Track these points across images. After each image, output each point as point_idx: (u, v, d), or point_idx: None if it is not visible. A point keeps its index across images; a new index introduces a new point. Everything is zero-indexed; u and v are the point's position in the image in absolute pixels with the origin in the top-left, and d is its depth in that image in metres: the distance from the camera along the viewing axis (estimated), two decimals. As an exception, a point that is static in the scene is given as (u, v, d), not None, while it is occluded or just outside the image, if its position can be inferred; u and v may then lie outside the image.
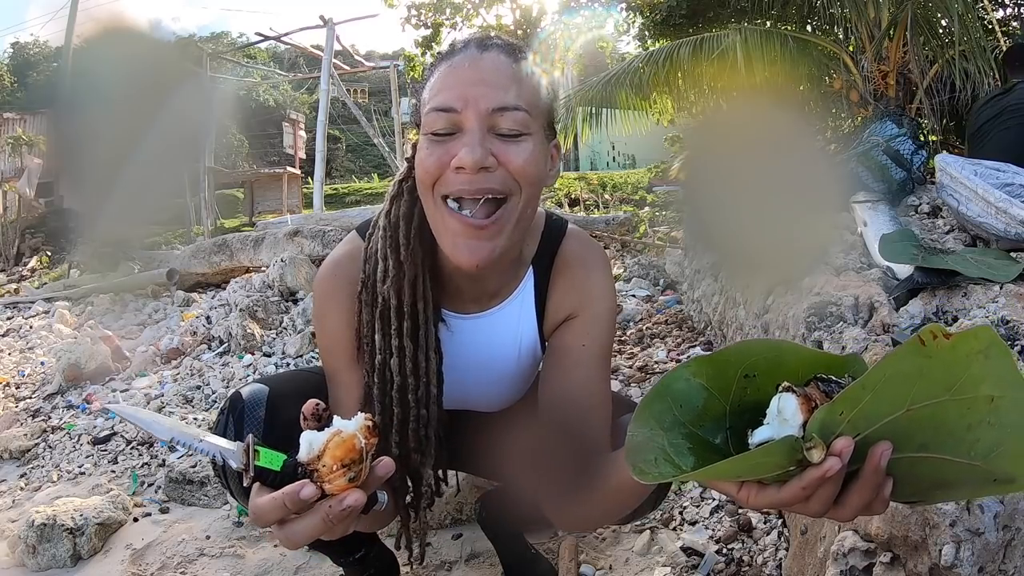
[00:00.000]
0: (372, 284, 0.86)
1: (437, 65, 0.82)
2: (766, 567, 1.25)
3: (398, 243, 0.84)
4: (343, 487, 0.56)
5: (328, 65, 10.62)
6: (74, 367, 2.84)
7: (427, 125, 0.77)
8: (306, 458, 0.56)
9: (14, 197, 10.78)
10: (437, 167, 0.76)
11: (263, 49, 22.86)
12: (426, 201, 0.80)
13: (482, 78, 0.76)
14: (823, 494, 0.49)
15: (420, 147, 0.79)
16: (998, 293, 1.18)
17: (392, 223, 0.85)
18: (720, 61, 4.16)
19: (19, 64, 24.78)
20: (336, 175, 23.93)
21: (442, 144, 0.76)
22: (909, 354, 0.45)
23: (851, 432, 0.48)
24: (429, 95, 0.79)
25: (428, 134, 0.77)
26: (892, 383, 0.46)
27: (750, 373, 0.56)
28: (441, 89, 0.77)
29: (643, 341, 2.67)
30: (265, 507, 0.57)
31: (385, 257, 0.84)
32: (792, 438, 0.48)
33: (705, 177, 1.02)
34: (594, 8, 11.11)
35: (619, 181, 14.54)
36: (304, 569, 1.41)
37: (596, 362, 0.90)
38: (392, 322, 0.85)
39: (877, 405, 0.47)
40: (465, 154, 0.73)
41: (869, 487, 0.49)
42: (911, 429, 0.47)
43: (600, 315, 0.92)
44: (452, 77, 0.77)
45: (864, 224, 1.78)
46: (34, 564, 1.49)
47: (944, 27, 3.71)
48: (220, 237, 5.77)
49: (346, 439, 0.56)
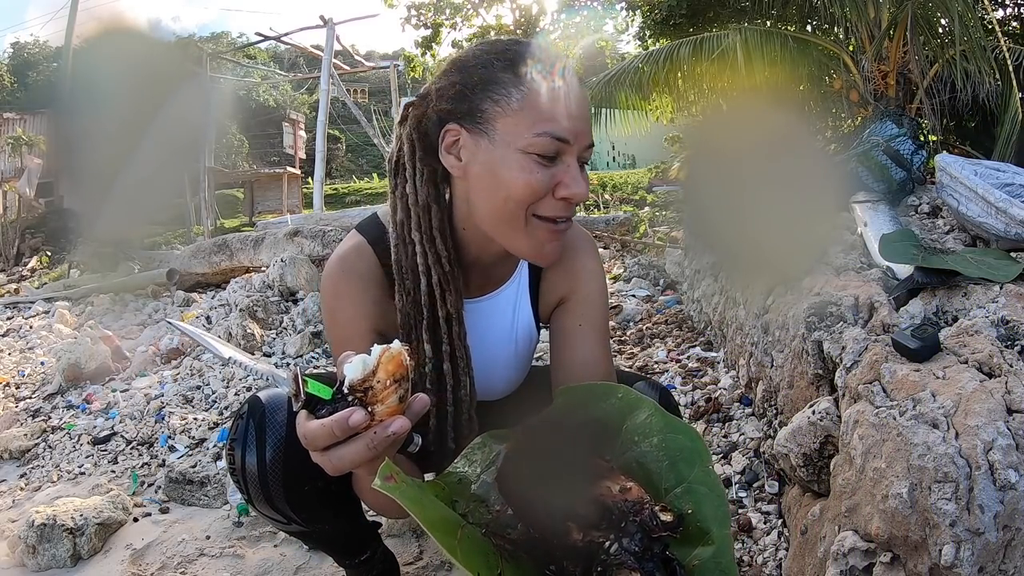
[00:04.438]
0: (412, 268, 0.87)
1: (528, 75, 0.80)
2: (766, 567, 1.25)
3: (441, 228, 0.87)
4: (393, 408, 0.60)
5: (328, 65, 10.61)
6: (74, 367, 2.84)
7: (533, 146, 0.78)
8: (360, 375, 0.59)
9: (14, 197, 10.78)
10: (543, 190, 0.81)
11: (263, 49, 22.87)
12: (510, 209, 0.82)
13: (584, 114, 0.83)
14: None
15: (514, 163, 0.79)
16: (998, 293, 1.18)
17: (423, 207, 0.86)
18: (720, 61, 4.16)
19: (19, 64, 24.76)
20: (336, 175, 23.94)
21: (547, 169, 0.80)
22: None
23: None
24: (533, 114, 0.79)
25: (533, 155, 0.79)
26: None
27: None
28: (554, 117, 0.79)
29: (643, 341, 2.67)
30: (315, 432, 0.59)
31: (432, 240, 0.86)
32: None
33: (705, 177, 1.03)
34: (594, 8, 11.11)
35: (619, 181, 14.54)
36: (304, 569, 1.41)
37: (594, 339, 0.96)
38: (437, 308, 0.87)
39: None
40: (577, 190, 0.81)
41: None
42: None
43: (591, 295, 0.98)
44: (563, 107, 0.80)
45: (864, 224, 1.78)
46: (34, 564, 1.49)
47: (944, 27, 3.71)
48: (220, 237, 5.77)
49: (396, 354, 0.60)
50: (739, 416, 1.78)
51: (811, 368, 1.30)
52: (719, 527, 0.61)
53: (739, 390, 1.90)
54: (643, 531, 0.60)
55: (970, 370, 0.96)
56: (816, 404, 1.19)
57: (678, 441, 0.66)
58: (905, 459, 0.85)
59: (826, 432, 1.14)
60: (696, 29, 5.29)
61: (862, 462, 0.93)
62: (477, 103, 0.81)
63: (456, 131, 0.82)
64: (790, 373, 1.44)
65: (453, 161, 0.83)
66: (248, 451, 0.91)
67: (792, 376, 1.43)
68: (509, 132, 0.79)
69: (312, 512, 0.97)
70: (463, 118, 0.81)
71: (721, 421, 1.79)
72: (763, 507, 1.41)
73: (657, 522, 0.61)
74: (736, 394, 1.88)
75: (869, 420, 0.95)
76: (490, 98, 0.80)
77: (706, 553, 0.60)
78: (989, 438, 0.82)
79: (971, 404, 0.87)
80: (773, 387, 1.56)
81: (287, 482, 0.91)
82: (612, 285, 3.72)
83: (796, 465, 1.20)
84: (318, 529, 1.03)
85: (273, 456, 0.90)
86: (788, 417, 1.36)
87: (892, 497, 0.84)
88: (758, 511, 1.41)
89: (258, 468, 0.90)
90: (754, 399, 1.77)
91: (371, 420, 0.59)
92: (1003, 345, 1.00)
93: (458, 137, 0.82)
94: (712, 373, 2.13)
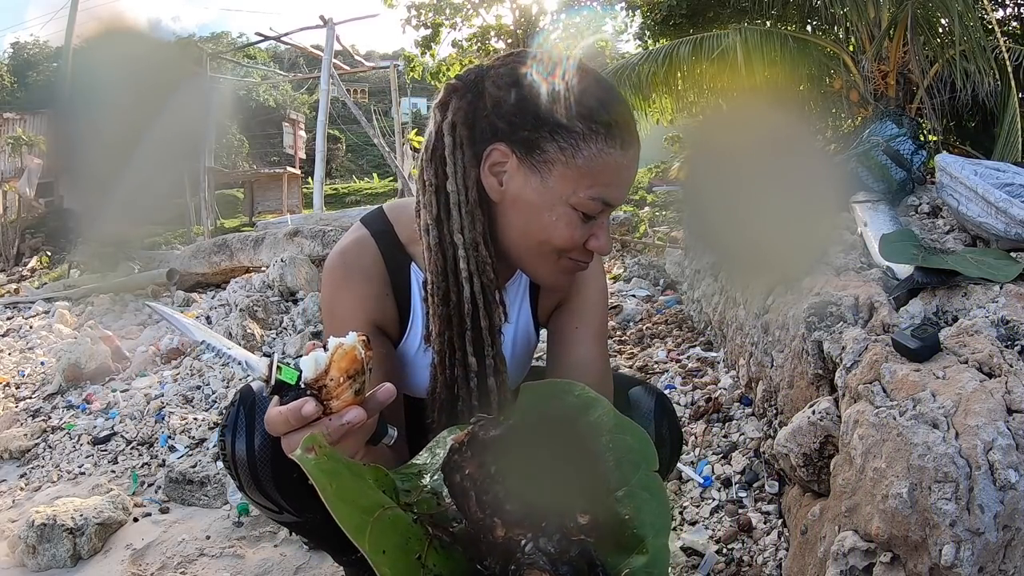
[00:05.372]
0: (454, 272, 0.84)
1: (601, 136, 0.78)
2: (766, 567, 1.25)
3: (485, 236, 0.84)
4: (349, 401, 0.60)
5: (328, 65, 10.60)
6: (74, 367, 2.84)
7: (583, 205, 0.79)
8: (313, 375, 0.60)
9: (14, 197, 10.78)
10: (580, 243, 0.82)
11: (263, 49, 22.85)
12: (543, 250, 0.82)
13: (632, 180, 0.83)
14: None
15: (560, 214, 0.79)
16: (998, 293, 1.18)
17: (470, 209, 0.82)
18: (720, 61, 4.16)
19: (19, 64, 24.75)
20: (336, 175, 23.94)
21: (586, 224, 0.81)
22: None
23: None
24: (594, 175, 0.78)
25: (580, 212, 0.79)
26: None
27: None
28: (612, 183, 0.79)
29: (643, 341, 2.67)
30: (273, 418, 0.61)
31: (475, 245, 0.83)
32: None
33: (705, 177, 1.03)
34: (593, 8, 11.11)
35: (619, 181, 14.51)
36: (304, 569, 1.41)
37: (592, 341, 0.97)
38: (480, 318, 0.86)
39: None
40: (605, 246, 0.83)
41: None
42: None
43: (590, 298, 0.98)
44: (619, 175, 0.80)
45: (864, 224, 1.78)
46: (34, 564, 1.49)
47: (944, 27, 3.71)
48: (220, 237, 5.77)
49: (348, 350, 0.60)
50: (739, 416, 1.78)
51: (811, 368, 1.30)
52: (656, 536, 0.59)
53: (739, 390, 1.90)
54: (562, 532, 0.59)
55: (970, 370, 0.96)
56: (816, 404, 1.19)
57: (625, 442, 0.64)
58: (905, 459, 0.85)
59: (826, 432, 1.14)
60: (696, 29, 5.29)
61: (862, 462, 0.93)
62: (540, 141, 0.77)
63: (506, 153, 0.78)
64: (790, 373, 1.44)
65: (494, 183, 0.80)
66: (238, 438, 0.91)
67: (792, 376, 1.43)
68: (565, 183, 0.77)
69: (303, 500, 0.96)
70: (518, 146, 0.78)
71: (721, 421, 1.79)
72: (763, 507, 1.42)
73: (574, 524, 0.59)
74: (736, 394, 1.88)
75: (869, 420, 0.95)
76: (557, 143, 0.77)
77: (638, 562, 0.58)
78: (989, 438, 0.82)
79: (971, 404, 0.87)
80: (773, 387, 1.56)
81: (276, 469, 0.91)
82: (612, 285, 3.72)
83: (796, 465, 1.20)
84: (310, 519, 1.02)
85: (262, 443, 0.90)
86: (788, 417, 1.36)
87: (892, 497, 0.84)
88: (758, 511, 1.41)
89: (247, 455, 0.90)
90: (754, 399, 1.77)
91: (324, 411, 0.60)
92: (1003, 345, 1.00)
93: (506, 160, 0.79)
94: (712, 373, 2.13)
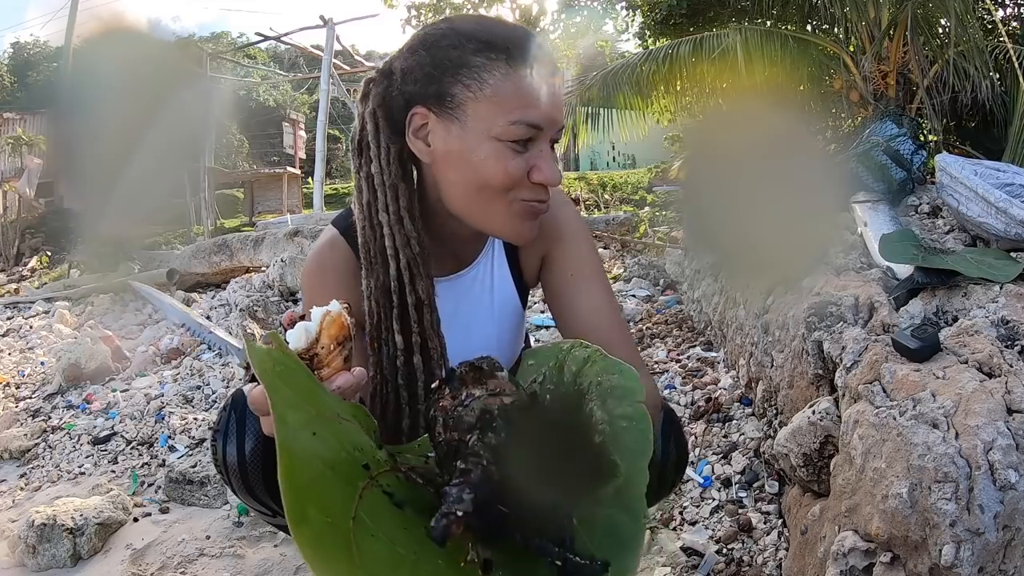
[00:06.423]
0: (380, 251, 0.84)
1: (500, 58, 0.78)
2: (766, 567, 1.25)
3: (410, 208, 0.84)
4: (339, 368, 0.59)
5: (328, 65, 10.60)
6: (74, 367, 2.84)
7: (507, 134, 0.77)
8: (305, 344, 0.58)
9: (14, 197, 10.77)
10: (519, 177, 0.80)
11: (263, 49, 22.83)
12: (486, 196, 0.80)
13: (558, 99, 0.80)
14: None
15: (488, 150, 0.78)
16: (998, 293, 1.18)
17: (390, 186, 0.84)
18: (720, 60, 4.16)
19: (19, 64, 24.74)
20: (336, 175, 23.91)
21: (520, 155, 0.79)
22: None
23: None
24: (506, 100, 0.77)
25: (507, 142, 0.78)
26: None
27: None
28: (529, 103, 0.78)
29: (643, 341, 2.67)
30: (256, 397, 0.59)
31: (400, 221, 0.83)
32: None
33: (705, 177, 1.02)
34: (594, 8, 11.11)
35: (619, 181, 14.53)
36: (304, 569, 1.41)
37: (592, 285, 0.92)
38: (406, 294, 0.84)
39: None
40: (551, 175, 0.80)
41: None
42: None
43: (574, 242, 0.94)
44: (538, 92, 0.78)
45: (864, 224, 1.78)
46: (34, 564, 1.50)
47: (944, 27, 3.71)
48: (220, 237, 5.77)
49: (336, 317, 0.59)
50: (739, 416, 1.78)
51: (811, 368, 1.30)
52: (632, 459, 0.54)
53: (739, 390, 1.90)
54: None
55: (970, 370, 0.96)
56: (816, 404, 1.19)
57: (613, 380, 0.63)
58: (905, 459, 0.85)
59: (826, 432, 1.14)
60: (696, 28, 5.28)
61: (862, 462, 0.93)
62: (447, 87, 0.78)
63: (424, 115, 0.79)
64: (790, 373, 1.44)
65: (421, 146, 0.81)
66: (229, 442, 0.90)
67: (792, 376, 1.43)
68: (481, 119, 0.77)
69: None
70: (431, 101, 0.79)
71: (721, 421, 1.79)
72: (763, 507, 1.42)
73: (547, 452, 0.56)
74: (736, 394, 1.88)
75: (869, 420, 0.95)
76: (461, 83, 0.77)
77: (612, 487, 0.54)
78: (989, 438, 0.82)
79: (971, 404, 0.87)
80: (773, 387, 1.56)
81: (267, 473, 0.91)
82: (612, 285, 3.72)
83: (796, 465, 1.20)
84: None
85: (253, 447, 0.89)
86: (788, 417, 1.36)
87: (892, 497, 0.84)
88: (758, 511, 1.41)
89: (238, 459, 0.90)
90: (754, 399, 1.77)
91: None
92: (1003, 345, 1.00)
93: (426, 121, 0.80)
94: (712, 373, 2.13)
